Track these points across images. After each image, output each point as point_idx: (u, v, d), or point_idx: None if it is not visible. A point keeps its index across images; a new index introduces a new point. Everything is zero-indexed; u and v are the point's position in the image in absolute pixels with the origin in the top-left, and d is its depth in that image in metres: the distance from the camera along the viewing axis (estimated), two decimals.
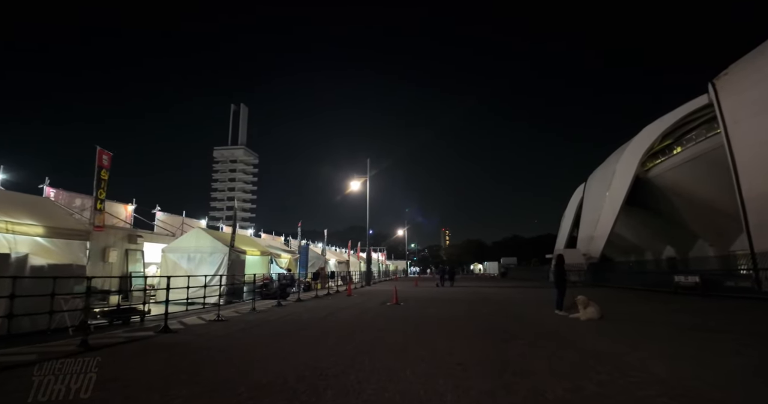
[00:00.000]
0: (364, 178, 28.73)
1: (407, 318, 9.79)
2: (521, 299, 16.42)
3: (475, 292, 20.28)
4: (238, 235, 18.50)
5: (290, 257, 19.31)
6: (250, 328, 8.38)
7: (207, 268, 14.19)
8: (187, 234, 15.23)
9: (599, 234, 37.69)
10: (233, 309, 11.91)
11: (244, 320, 9.70)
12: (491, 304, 13.74)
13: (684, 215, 34.90)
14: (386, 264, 57.82)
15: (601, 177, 41.56)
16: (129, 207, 18.71)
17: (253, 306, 11.58)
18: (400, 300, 14.64)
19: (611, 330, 7.97)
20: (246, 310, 11.53)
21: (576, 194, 54.15)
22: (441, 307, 12.74)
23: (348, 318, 9.79)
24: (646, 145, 35.01)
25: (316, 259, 25.71)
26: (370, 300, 15.20)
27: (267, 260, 17.59)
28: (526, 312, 11.19)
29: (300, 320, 9.63)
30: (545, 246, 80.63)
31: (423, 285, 28.68)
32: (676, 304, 13.99)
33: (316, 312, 11.43)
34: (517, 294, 19.63)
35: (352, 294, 18.16)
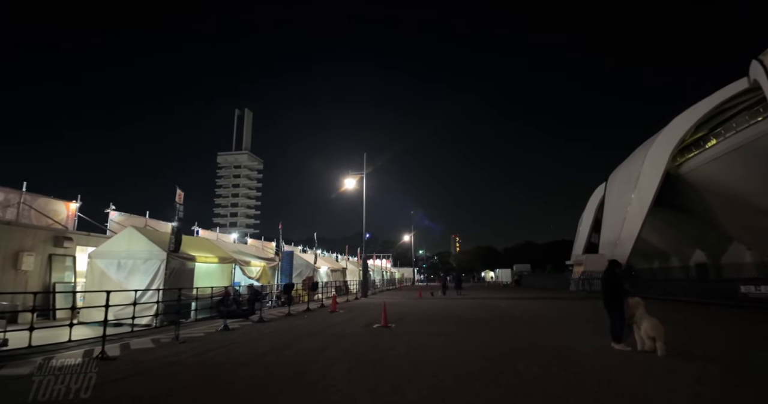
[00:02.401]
0: (360, 174, 25.46)
1: (387, 360, 6.36)
2: (548, 317, 12.89)
3: (490, 306, 16.75)
4: (193, 238, 15.28)
5: (263, 265, 16.01)
6: (117, 380, 5.05)
7: (140, 279, 10.95)
8: (119, 235, 12.05)
9: (625, 237, 33.83)
10: (154, 337, 8.61)
11: (136, 361, 6.38)
12: (513, 326, 10.24)
13: (719, 215, 31.05)
14: (391, 271, 54.22)
15: (624, 175, 37.69)
16: (72, 204, 15.68)
17: (176, 334, 8.22)
18: (394, 320, 11.24)
19: (748, 386, 4.50)
20: (168, 340, 8.22)
21: (595, 196, 50.15)
22: (444, 332, 9.29)
23: (295, 360, 6.39)
24: (677, 137, 31.25)
25: (304, 267, 22.38)
26: (353, 321, 11.80)
27: (229, 269, 14.31)
28: (567, 344, 7.68)
29: (218, 363, 6.27)
30: (559, 253, 76.68)
31: (428, 296, 25.12)
32: (763, 325, 10.41)
33: (262, 343, 8.07)
34: (540, 308, 16.06)
35: (337, 311, 14.77)
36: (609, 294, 7.31)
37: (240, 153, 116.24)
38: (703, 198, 30.70)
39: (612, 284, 7.35)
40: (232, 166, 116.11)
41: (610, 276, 7.46)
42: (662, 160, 31.41)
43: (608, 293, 7.33)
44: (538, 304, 17.99)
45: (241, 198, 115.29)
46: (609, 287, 7.37)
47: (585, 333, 8.82)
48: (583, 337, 8.32)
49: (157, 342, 8.08)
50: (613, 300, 7.21)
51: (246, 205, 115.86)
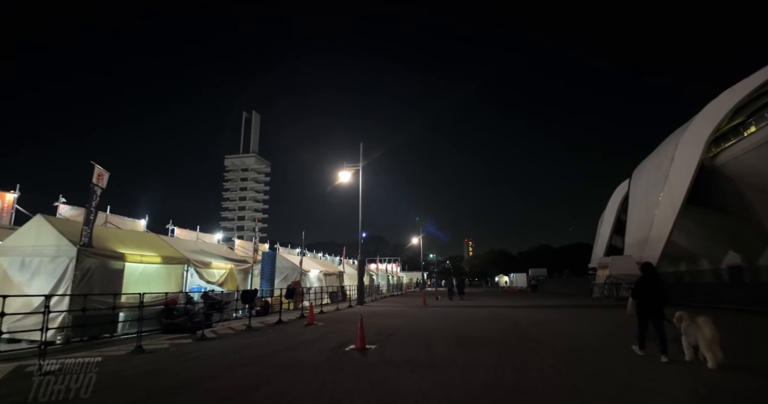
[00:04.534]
0: (356, 167, 22.76)
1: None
2: (581, 335, 9.93)
3: (503, 318, 13.82)
4: (131, 232, 12.55)
5: (229, 267, 13.35)
6: None
7: (44, 281, 8.40)
8: (26, 225, 9.54)
9: (656, 236, 30.37)
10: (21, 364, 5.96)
11: None
12: (536, 352, 7.33)
13: (759, 211, 27.52)
14: (398, 276, 51.26)
15: (652, 169, 34.21)
16: (8, 195, 13.31)
17: (39, 362, 5.54)
18: (379, 338, 8.48)
19: None
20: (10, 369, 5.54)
21: (617, 194, 46.52)
22: (437, 362, 6.46)
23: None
24: (712, 124, 27.81)
25: (290, 271, 19.70)
26: (323, 340, 9.01)
27: (179, 271, 11.66)
28: (620, 384, 4.80)
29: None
30: (576, 256, 72.67)
31: (432, 302, 22.18)
32: None
33: (154, 381, 5.36)
34: (564, 320, 13.09)
35: (315, 323, 12.02)
36: (647, 299, 6.57)
37: (247, 156, 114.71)
38: (740, 191, 27.26)
39: (649, 286, 6.66)
40: (239, 169, 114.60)
41: (650, 280, 6.73)
42: (696, 150, 28.01)
43: (646, 297, 6.58)
44: (563, 316, 14.98)
45: (248, 201, 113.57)
46: (644, 290, 6.67)
47: (630, 360, 5.91)
48: (633, 370, 5.41)
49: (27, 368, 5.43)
50: (648, 307, 6.52)
51: (254, 209, 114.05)
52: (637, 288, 6.76)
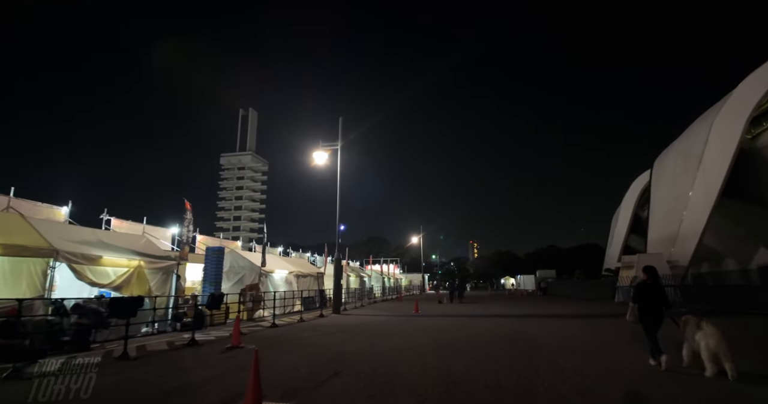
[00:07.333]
0: (334, 147, 19.03)
1: None
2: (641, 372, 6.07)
3: (514, 337, 9.96)
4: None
5: (135, 264, 9.62)
6: None
7: None
8: None
9: (688, 231, 26.29)
10: None
11: None
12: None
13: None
14: (396, 278, 47.37)
15: (680, 155, 30.01)
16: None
17: None
18: (308, 383, 4.71)
19: None
20: None
21: (633, 188, 42.30)
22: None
23: None
24: (752, 101, 23.82)
25: (248, 271, 15.95)
26: (210, 386, 5.23)
27: (41, 267, 7.92)
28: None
29: None
30: (585, 258, 68.50)
31: (426, 309, 18.30)
32: None
33: None
34: (604, 341, 9.19)
35: (242, 345, 8.26)
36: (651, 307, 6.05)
37: (244, 154, 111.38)
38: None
39: (656, 294, 6.10)
40: (235, 168, 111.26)
41: (652, 284, 6.21)
42: (735, 130, 23.92)
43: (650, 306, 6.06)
44: (598, 331, 11.11)
45: (245, 200, 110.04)
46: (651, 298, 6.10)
47: None
48: None
49: None
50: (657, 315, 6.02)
51: (250, 208, 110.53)
52: (637, 293, 6.38)
